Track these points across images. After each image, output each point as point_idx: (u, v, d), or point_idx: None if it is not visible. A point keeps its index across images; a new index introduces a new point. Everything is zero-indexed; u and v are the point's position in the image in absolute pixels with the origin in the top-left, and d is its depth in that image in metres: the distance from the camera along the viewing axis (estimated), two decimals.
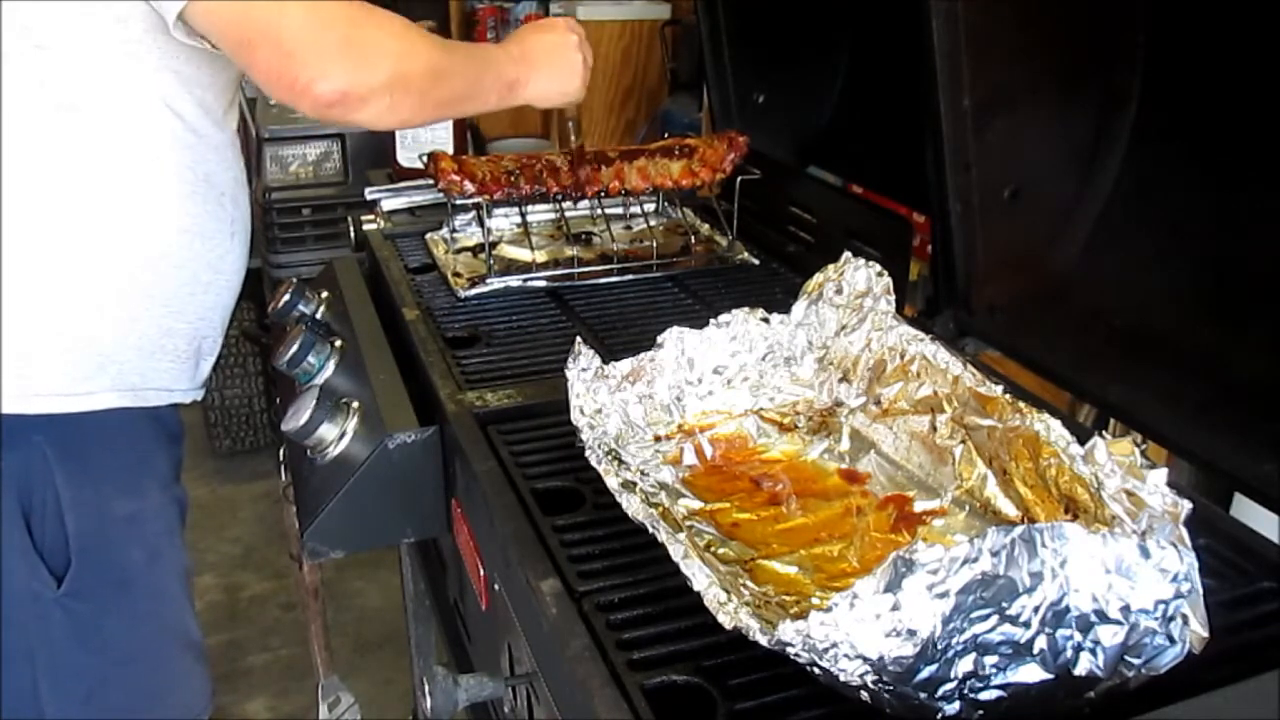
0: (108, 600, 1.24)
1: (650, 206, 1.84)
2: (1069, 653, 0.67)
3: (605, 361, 1.06)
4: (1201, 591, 0.68)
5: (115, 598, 1.24)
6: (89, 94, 1.10)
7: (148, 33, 1.10)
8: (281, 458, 1.49)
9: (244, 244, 1.32)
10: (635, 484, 0.96)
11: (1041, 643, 0.66)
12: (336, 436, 1.16)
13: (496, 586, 1.02)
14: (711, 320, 1.12)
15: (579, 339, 1.05)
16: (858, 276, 1.13)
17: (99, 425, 1.19)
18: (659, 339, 1.10)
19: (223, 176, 1.25)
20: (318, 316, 1.48)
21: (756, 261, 1.63)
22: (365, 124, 1.11)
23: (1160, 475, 0.76)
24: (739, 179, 1.64)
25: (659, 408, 1.09)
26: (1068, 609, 0.66)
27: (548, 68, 1.33)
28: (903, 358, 1.07)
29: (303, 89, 1.02)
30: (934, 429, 1.01)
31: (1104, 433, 0.82)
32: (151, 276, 1.20)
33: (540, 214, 1.78)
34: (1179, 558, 0.67)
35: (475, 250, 1.67)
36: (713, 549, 0.92)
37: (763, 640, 0.69)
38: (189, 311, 1.25)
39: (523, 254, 1.66)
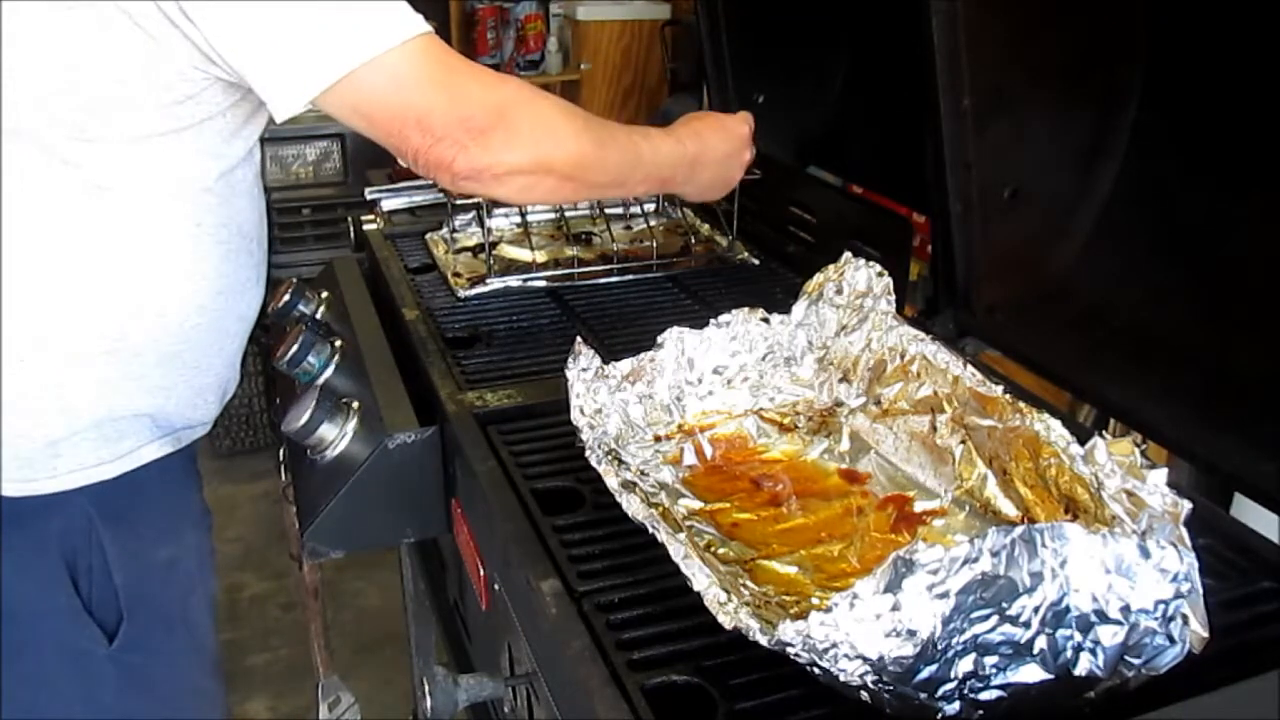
0: (155, 646, 1.23)
1: (650, 206, 1.84)
2: (1069, 653, 0.67)
3: (605, 361, 1.06)
4: (1201, 591, 0.68)
5: (161, 641, 1.24)
6: (127, 178, 1.07)
7: (210, 114, 1.08)
8: (281, 458, 1.49)
9: (264, 281, 1.30)
10: (635, 484, 0.96)
11: (1041, 643, 0.66)
12: (336, 436, 1.16)
13: (496, 586, 1.02)
14: (711, 320, 1.12)
15: (579, 339, 1.04)
16: (858, 276, 1.13)
17: (138, 478, 1.18)
18: (659, 339, 1.10)
19: (250, 219, 1.22)
20: (318, 316, 1.48)
21: (756, 261, 1.63)
22: (500, 199, 1.11)
23: (1160, 475, 0.76)
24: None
25: (659, 408, 1.09)
26: (1068, 609, 0.66)
27: (710, 175, 1.31)
28: (903, 358, 1.07)
29: (446, 165, 1.03)
30: (934, 429, 1.00)
31: (1104, 433, 0.82)
32: (186, 344, 1.17)
33: (540, 214, 1.78)
34: (1179, 558, 0.67)
35: (475, 250, 1.67)
36: (713, 549, 0.92)
37: (763, 640, 0.69)
38: (217, 364, 1.23)
39: (523, 254, 1.66)
